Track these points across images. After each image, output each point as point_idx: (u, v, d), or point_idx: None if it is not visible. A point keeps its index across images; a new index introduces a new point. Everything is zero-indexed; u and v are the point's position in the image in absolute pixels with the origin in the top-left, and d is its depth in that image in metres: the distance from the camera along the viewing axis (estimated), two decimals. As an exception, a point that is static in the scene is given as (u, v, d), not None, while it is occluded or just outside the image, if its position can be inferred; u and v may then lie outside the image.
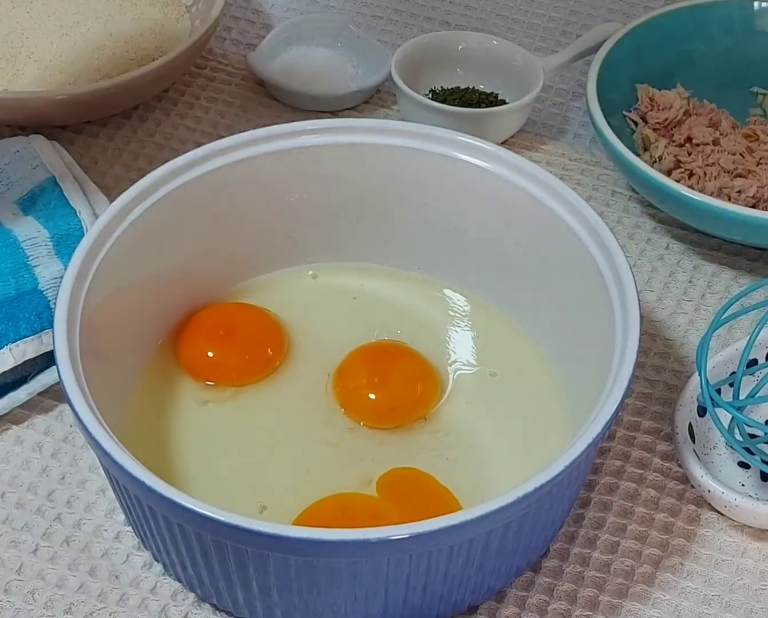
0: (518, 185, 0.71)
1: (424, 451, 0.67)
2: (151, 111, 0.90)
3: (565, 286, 0.69)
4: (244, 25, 0.97)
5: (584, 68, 0.89)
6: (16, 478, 0.68)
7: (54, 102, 0.83)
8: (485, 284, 0.74)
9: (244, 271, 0.74)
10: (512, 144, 0.88)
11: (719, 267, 0.81)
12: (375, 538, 0.54)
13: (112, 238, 0.67)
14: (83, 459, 0.68)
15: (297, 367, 0.71)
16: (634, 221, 0.83)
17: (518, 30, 0.98)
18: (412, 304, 0.75)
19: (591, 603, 0.63)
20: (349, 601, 0.58)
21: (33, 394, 0.71)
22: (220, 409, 0.69)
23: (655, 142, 0.84)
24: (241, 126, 0.89)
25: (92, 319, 0.64)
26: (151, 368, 0.70)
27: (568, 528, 0.66)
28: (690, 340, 0.76)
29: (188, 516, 0.56)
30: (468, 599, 0.62)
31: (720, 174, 0.81)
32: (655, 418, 0.71)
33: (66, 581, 0.63)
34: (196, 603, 0.63)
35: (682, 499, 0.68)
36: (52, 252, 0.73)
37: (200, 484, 0.65)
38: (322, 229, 0.75)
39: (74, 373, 0.60)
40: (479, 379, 0.71)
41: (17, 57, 0.89)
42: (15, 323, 0.70)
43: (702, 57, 0.90)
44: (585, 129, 0.89)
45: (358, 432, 0.68)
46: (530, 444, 0.68)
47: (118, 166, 0.86)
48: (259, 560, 0.56)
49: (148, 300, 0.70)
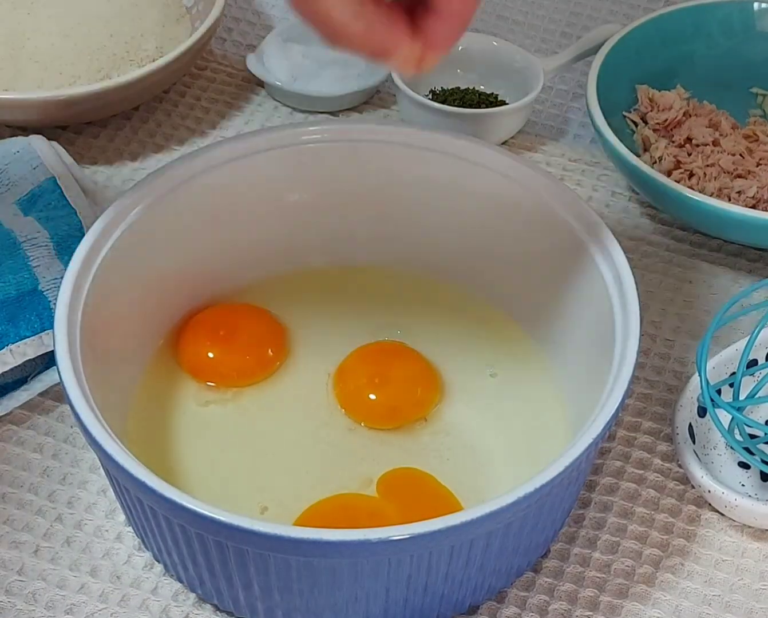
0: (518, 185, 0.71)
1: (424, 452, 0.67)
2: (151, 112, 0.90)
3: (565, 286, 0.69)
4: (244, 26, 0.97)
5: (584, 69, 0.89)
6: (16, 478, 0.68)
7: (54, 103, 0.83)
8: (485, 284, 0.74)
9: (244, 271, 0.74)
10: (512, 144, 0.88)
11: (719, 267, 0.81)
12: (376, 539, 0.54)
13: (113, 239, 0.67)
14: (84, 460, 0.68)
15: (297, 368, 0.71)
16: (634, 222, 0.83)
17: (519, 31, 0.98)
18: (412, 304, 0.75)
19: (591, 603, 0.63)
20: (350, 601, 0.58)
21: (33, 394, 0.71)
22: (220, 409, 0.69)
23: (655, 143, 0.84)
24: (241, 126, 0.89)
25: (93, 320, 0.64)
26: (152, 369, 0.70)
27: (568, 528, 0.66)
28: (690, 340, 0.76)
29: (189, 517, 0.56)
30: (468, 599, 0.62)
31: (720, 174, 0.81)
32: (655, 419, 0.72)
33: (67, 582, 0.63)
34: (197, 603, 0.63)
35: (683, 500, 0.68)
36: (53, 252, 0.73)
37: (201, 485, 0.65)
38: (322, 229, 0.75)
39: (75, 374, 0.60)
40: (479, 380, 0.71)
41: (18, 58, 0.89)
42: (15, 324, 0.70)
43: (702, 58, 0.90)
44: (585, 129, 0.90)
45: (358, 432, 0.68)
46: (530, 444, 0.68)
47: (118, 167, 0.86)
48: (260, 561, 0.56)
49: (149, 300, 0.70)
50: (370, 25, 0.55)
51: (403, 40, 0.56)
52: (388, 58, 0.56)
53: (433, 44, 0.56)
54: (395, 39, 0.56)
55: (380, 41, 0.55)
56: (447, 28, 0.56)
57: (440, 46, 0.57)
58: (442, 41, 0.56)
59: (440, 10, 0.55)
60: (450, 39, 0.57)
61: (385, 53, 0.56)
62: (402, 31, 0.56)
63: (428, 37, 0.56)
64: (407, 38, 0.56)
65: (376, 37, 0.55)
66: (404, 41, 0.56)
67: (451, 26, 0.56)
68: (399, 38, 0.56)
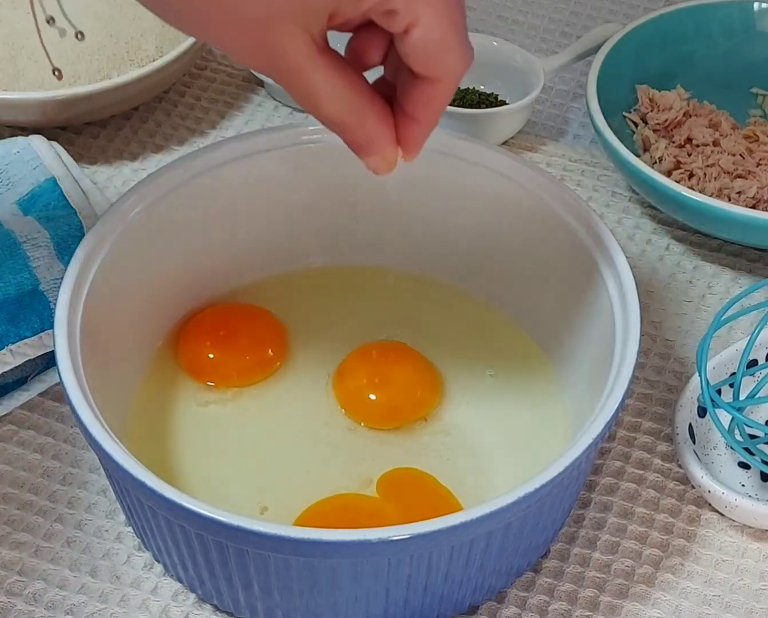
0: (518, 186, 0.71)
1: (424, 452, 0.67)
2: (151, 112, 0.90)
3: (565, 286, 0.70)
4: (244, 26, 0.97)
5: (584, 69, 0.89)
6: (17, 479, 0.68)
7: (54, 103, 0.83)
8: (485, 284, 0.74)
9: (244, 271, 0.74)
10: (512, 145, 0.88)
11: (719, 268, 0.81)
12: (375, 539, 0.54)
13: (112, 239, 0.67)
14: (84, 460, 0.68)
15: (297, 368, 0.71)
16: (635, 222, 0.83)
17: (519, 31, 0.98)
18: (412, 304, 0.75)
19: (591, 603, 0.63)
20: (349, 601, 0.58)
21: (33, 394, 0.71)
22: (220, 410, 0.69)
23: (655, 143, 0.84)
24: (241, 126, 0.89)
25: (93, 320, 0.64)
26: (152, 369, 0.70)
27: (568, 528, 0.66)
28: (690, 340, 0.76)
29: (189, 517, 0.56)
30: (468, 599, 0.62)
31: (720, 175, 0.81)
32: (655, 419, 0.72)
33: (67, 582, 0.63)
34: (197, 603, 0.63)
35: (683, 500, 0.68)
36: (53, 252, 0.73)
37: (201, 485, 0.65)
38: (322, 229, 0.75)
39: (75, 374, 0.60)
40: (479, 380, 0.71)
41: (18, 58, 0.89)
42: (15, 324, 0.70)
43: (702, 58, 0.90)
44: (585, 130, 0.90)
45: (358, 432, 0.68)
46: (530, 444, 0.68)
47: (118, 167, 0.86)
48: (260, 561, 0.56)
49: (149, 301, 0.70)
50: (362, 119, 0.56)
51: (390, 142, 0.57)
52: (370, 154, 0.57)
53: (407, 149, 0.57)
54: (383, 139, 0.57)
55: (368, 138, 0.56)
56: (423, 135, 0.57)
57: (414, 151, 0.58)
58: (417, 147, 0.58)
59: (419, 118, 0.56)
60: (422, 144, 0.58)
61: (369, 150, 0.57)
62: (391, 132, 0.57)
63: (404, 141, 0.57)
64: (393, 140, 0.57)
65: (366, 133, 0.56)
66: (391, 143, 0.57)
67: (426, 133, 0.57)
68: (387, 139, 0.57)
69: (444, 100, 0.56)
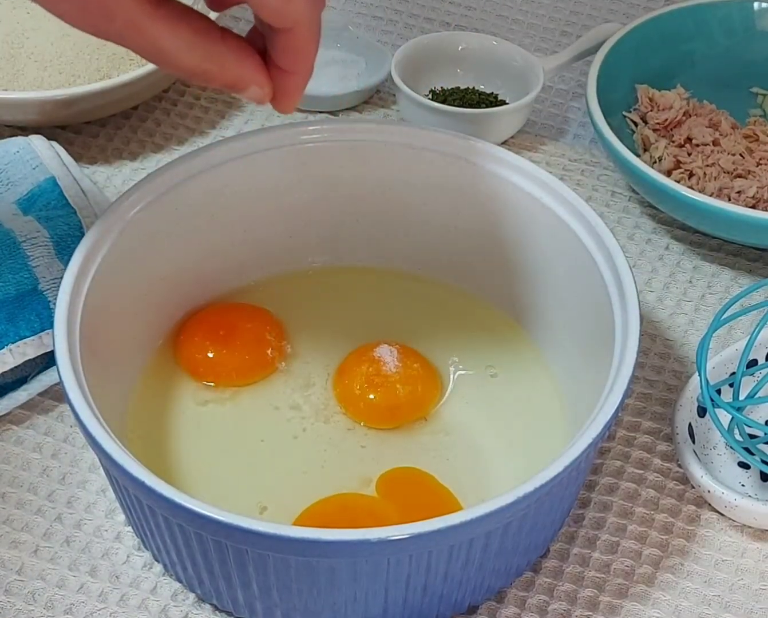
0: (518, 185, 0.71)
1: (424, 452, 0.67)
2: (151, 111, 0.90)
3: (565, 286, 0.70)
4: (244, 26, 0.97)
5: (584, 69, 0.89)
6: (16, 478, 0.68)
7: (54, 102, 0.83)
8: (485, 284, 0.74)
9: (244, 271, 0.74)
10: (512, 144, 0.88)
11: (719, 267, 0.81)
12: (375, 539, 0.54)
13: (112, 238, 0.67)
14: (83, 459, 0.68)
15: (297, 368, 0.71)
16: (634, 222, 0.83)
17: (518, 30, 0.98)
18: (412, 304, 0.75)
19: (591, 603, 0.63)
20: (349, 601, 0.58)
21: (33, 394, 0.71)
22: (220, 409, 0.69)
23: (654, 143, 0.84)
24: (241, 126, 0.89)
25: (92, 320, 0.64)
26: (151, 368, 0.70)
27: (568, 528, 0.66)
28: (690, 340, 0.76)
29: (188, 516, 0.56)
30: (468, 599, 0.62)
31: (720, 174, 0.81)
32: (655, 419, 0.72)
33: (66, 581, 0.63)
34: (196, 603, 0.63)
35: (682, 500, 0.68)
36: (52, 252, 0.73)
37: (200, 485, 0.65)
38: (322, 229, 0.75)
39: (74, 374, 0.60)
40: (479, 380, 0.71)
41: (17, 57, 0.88)
42: (15, 323, 0.70)
43: (702, 57, 0.90)
44: (585, 129, 0.90)
45: (358, 432, 0.68)
46: (530, 444, 0.68)
47: (118, 167, 0.86)
48: (259, 560, 0.56)
49: (148, 300, 0.70)
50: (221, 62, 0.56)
51: (257, 71, 0.57)
52: (242, 90, 0.57)
53: (282, 100, 0.58)
54: (250, 73, 0.57)
55: (234, 77, 0.57)
56: (295, 85, 0.58)
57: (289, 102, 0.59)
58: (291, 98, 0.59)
59: (286, 68, 0.57)
60: (297, 96, 0.59)
61: (239, 87, 0.57)
62: (254, 62, 0.57)
63: (277, 92, 0.58)
64: (259, 69, 0.57)
65: (231, 74, 0.56)
66: (259, 72, 0.57)
67: (299, 83, 0.58)
68: (253, 71, 0.57)
69: (304, 47, 0.56)
